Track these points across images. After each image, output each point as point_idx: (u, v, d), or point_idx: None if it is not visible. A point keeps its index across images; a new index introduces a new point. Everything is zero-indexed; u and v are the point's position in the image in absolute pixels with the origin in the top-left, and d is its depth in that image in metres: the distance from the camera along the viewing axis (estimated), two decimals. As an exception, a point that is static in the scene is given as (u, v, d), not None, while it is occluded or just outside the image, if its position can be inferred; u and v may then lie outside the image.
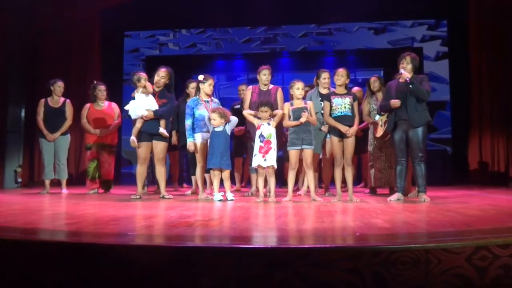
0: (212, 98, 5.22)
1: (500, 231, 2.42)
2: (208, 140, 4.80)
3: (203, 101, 5.09)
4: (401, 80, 4.50)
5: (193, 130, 5.02)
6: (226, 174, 4.68)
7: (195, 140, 4.98)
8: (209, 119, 4.70)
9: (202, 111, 5.02)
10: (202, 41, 9.21)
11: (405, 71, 4.49)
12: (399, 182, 4.59)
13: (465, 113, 7.81)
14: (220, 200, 4.54)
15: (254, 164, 4.66)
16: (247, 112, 4.93)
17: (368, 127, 5.57)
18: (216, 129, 4.67)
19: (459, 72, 8.05)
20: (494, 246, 1.94)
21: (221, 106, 5.01)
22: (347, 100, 4.62)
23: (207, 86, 5.10)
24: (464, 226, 2.58)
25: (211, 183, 4.88)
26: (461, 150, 7.82)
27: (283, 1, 8.39)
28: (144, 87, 4.98)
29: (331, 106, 4.66)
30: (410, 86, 4.40)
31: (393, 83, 4.68)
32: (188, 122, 5.02)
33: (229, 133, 4.79)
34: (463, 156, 7.75)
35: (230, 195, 4.64)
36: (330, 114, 4.66)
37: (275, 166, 4.63)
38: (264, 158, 4.57)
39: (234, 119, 4.77)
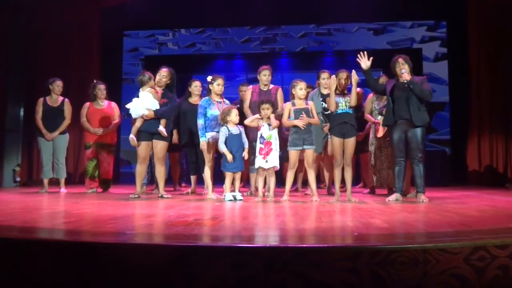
0: (224, 99, 5.24)
1: (498, 231, 2.43)
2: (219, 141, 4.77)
3: (215, 101, 5.11)
4: (401, 80, 4.50)
5: (205, 129, 5.02)
6: (238, 174, 4.74)
7: (208, 140, 4.98)
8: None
9: (214, 111, 5.05)
10: (202, 41, 9.20)
11: (406, 72, 4.48)
12: (398, 182, 4.59)
13: (464, 114, 7.81)
14: (230, 200, 4.54)
15: (256, 166, 4.68)
16: (249, 121, 4.86)
17: (369, 132, 5.54)
18: (233, 132, 4.68)
19: (458, 73, 8.05)
20: (492, 247, 1.95)
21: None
22: (347, 98, 4.64)
23: (216, 86, 5.13)
24: (462, 226, 2.59)
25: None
26: (460, 151, 7.82)
27: (282, 1, 8.39)
28: (153, 87, 5.01)
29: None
30: (411, 86, 4.43)
31: (393, 81, 4.68)
32: (200, 122, 5.03)
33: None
34: (462, 157, 7.75)
35: (238, 195, 4.65)
36: (332, 112, 4.66)
37: (278, 167, 4.64)
38: (265, 160, 4.57)
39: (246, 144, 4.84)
